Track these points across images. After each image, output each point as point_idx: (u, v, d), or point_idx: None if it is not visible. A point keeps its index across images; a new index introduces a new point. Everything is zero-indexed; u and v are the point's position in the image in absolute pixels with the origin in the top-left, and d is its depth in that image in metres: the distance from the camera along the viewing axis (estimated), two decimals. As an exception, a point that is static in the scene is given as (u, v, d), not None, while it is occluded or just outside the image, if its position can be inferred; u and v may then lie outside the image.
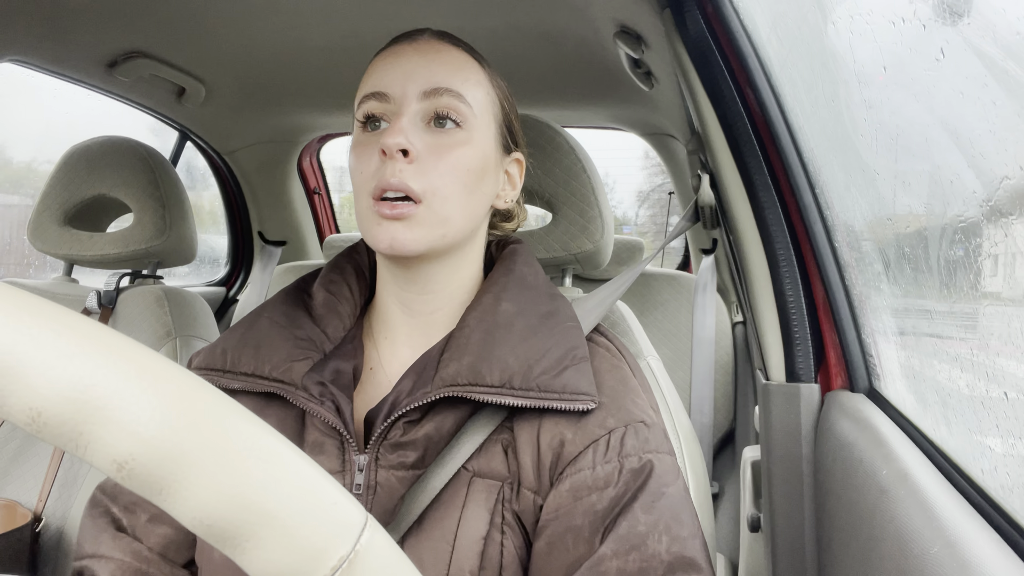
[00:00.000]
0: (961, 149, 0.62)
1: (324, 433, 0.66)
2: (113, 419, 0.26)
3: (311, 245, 2.36)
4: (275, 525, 0.28)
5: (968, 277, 0.60)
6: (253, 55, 1.44)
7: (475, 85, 0.70)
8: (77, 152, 1.31)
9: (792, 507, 0.80)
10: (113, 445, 0.26)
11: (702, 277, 1.79)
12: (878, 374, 0.77)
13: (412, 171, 0.65)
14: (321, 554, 0.29)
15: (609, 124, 1.98)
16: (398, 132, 0.64)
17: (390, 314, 0.74)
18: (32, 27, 1.24)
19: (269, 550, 0.29)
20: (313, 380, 0.66)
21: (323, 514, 0.30)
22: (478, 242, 0.75)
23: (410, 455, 0.64)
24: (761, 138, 0.82)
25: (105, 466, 0.26)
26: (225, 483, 0.28)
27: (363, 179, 0.67)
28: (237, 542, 0.28)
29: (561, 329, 0.68)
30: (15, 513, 1.11)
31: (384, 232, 0.65)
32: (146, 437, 0.26)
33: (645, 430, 0.66)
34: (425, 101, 0.67)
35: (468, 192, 0.68)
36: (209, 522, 0.28)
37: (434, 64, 0.69)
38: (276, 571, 0.29)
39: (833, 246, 0.80)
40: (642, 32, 1.10)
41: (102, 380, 0.26)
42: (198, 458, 0.27)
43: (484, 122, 0.70)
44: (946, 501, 0.53)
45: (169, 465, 0.27)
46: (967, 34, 0.56)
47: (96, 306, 1.27)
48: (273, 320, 0.72)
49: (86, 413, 0.26)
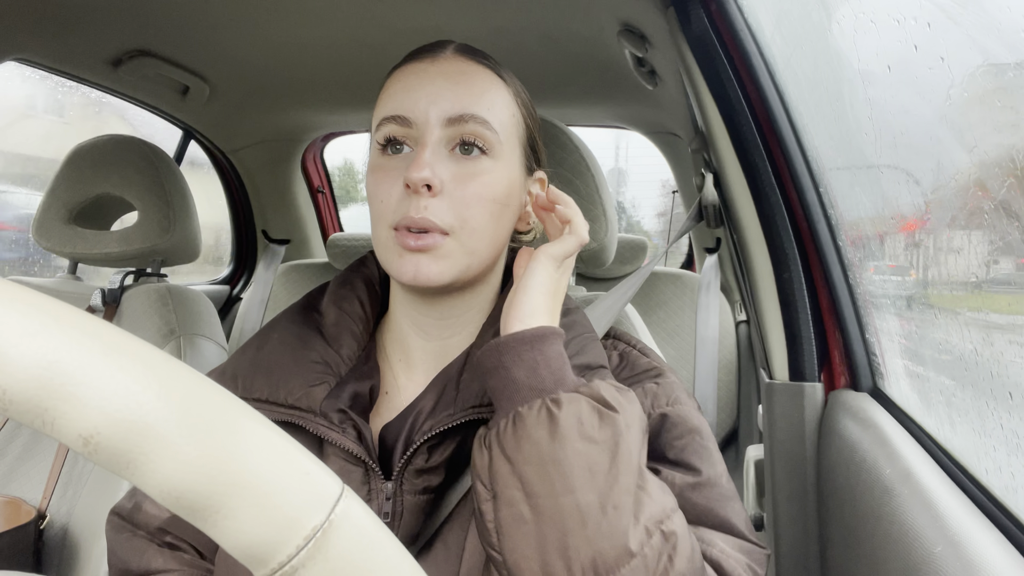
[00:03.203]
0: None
1: (347, 461, 0.63)
2: (77, 395, 0.26)
3: (315, 243, 2.37)
4: (245, 495, 0.29)
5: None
6: (257, 54, 1.44)
7: (501, 109, 0.67)
8: (82, 150, 1.31)
9: (795, 506, 0.80)
10: (78, 420, 0.26)
11: (706, 276, 1.79)
12: (882, 373, 0.77)
13: (437, 205, 0.62)
14: (294, 523, 0.29)
15: (613, 123, 1.98)
16: (424, 166, 0.61)
17: (405, 336, 0.72)
18: (37, 26, 1.25)
19: (240, 520, 0.29)
20: (332, 407, 0.64)
21: (295, 484, 0.30)
22: (499, 266, 0.73)
23: (434, 479, 0.63)
24: (765, 136, 0.82)
25: (72, 441, 0.26)
26: (192, 455, 0.28)
27: (383, 209, 0.64)
28: (207, 514, 0.29)
29: (578, 342, 0.67)
30: (20, 510, 1.11)
31: (408, 264, 0.63)
32: (110, 411, 0.26)
33: (666, 382, 0.68)
34: (449, 128, 0.64)
35: (495, 221, 0.66)
36: (177, 494, 0.28)
37: (459, 87, 0.65)
38: (248, 541, 0.29)
39: (837, 245, 0.79)
40: (646, 31, 1.10)
41: (66, 356, 0.26)
42: (164, 431, 0.27)
43: (509, 147, 0.68)
44: (950, 500, 0.53)
45: (135, 438, 0.27)
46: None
47: (100, 304, 1.28)
48: (284, 342, 0.70)
49: (51, 389, 0.26)
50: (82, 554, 1.11)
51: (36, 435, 1.20)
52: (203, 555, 0.70)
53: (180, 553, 0.70)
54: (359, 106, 1.79)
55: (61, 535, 1.13)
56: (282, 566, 0.29)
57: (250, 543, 0.29)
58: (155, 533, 0.70)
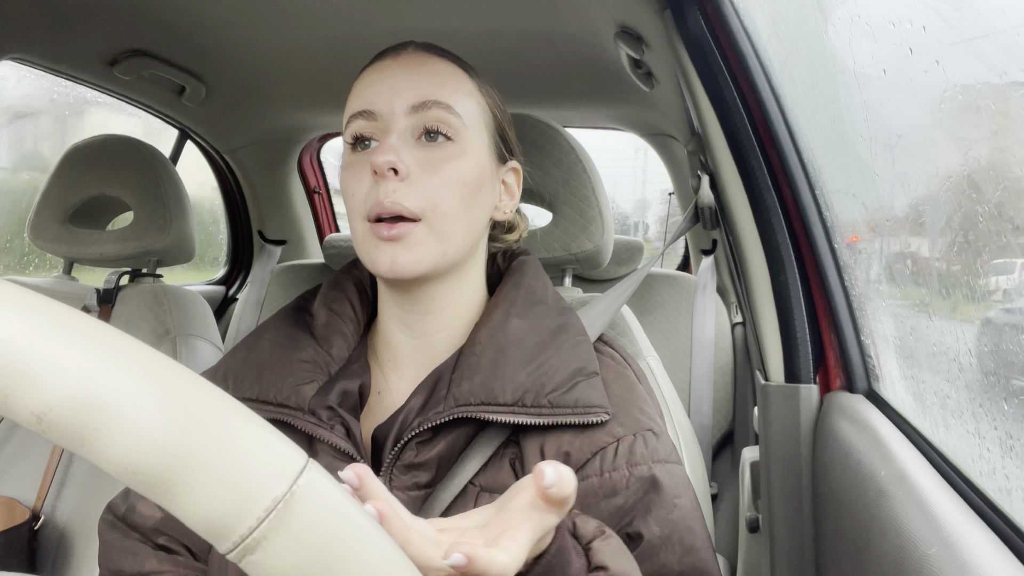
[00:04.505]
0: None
1: (335, 457, 0.64)
2: (27, 372, 0.26)
3: (311, 244, 2.36)
4: (201, 468, 0.28)
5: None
6: (253, 54, 1.44)
7: (464, 96, 0.68)
8: (78, 150, 1.31)
9: (791, 508, 0.80)
10: (30, 397, 0.26)
11: (702, 278, 1.79)
12: (877, 375, 0.77)
13: (406, 189, 0.63)
14: (254, 495, 0.29)
15: (609, 124, 1.98)
16: (388, 150, 0.62)
17: (392, 335, 0.72)
18: (33, 25, 1.24)
19: (197, 494, 0.28)
20: (321, 404, 0.64)
21: (253, 456, 0.30)
22: (479, 257, 0.74)
23: (423, 476, 0.63)
24: (761, 139, 0.82)
25: (25, 419, 0.26)
26: (146, 429, 0.27)
27: (356, 201, 0.66)
28: (164, 488, 0.28)
29: (571, 344, 0.68)
30: (14, 510, 1.11)
31: (383, 255, 0.64)
32: (61, 387, 0.26)
33: (654, 439, 0.65)
34: (414, 116, 0.65)
35: (466, 206, 0.67)
36: (133, 469, 0.28)
37: (420, 77, 0.67)
38: (208, 515, 0.29)
39: (833, 247, 0.80)
40: (642, 33, 1.10)
41: (15, 335, 0.26)
42: (115, 404, 0.27)
43: (476, 133, 0.69)
44: (944, 502, 0.53)
45: (87, 413, 0.27)
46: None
47: (96, 304, 1.27)
48: (275, 342, 0.71)
49: (2, 368, 0.26)
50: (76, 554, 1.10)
51: (30, 435, 1.19)
52: (196, 556, 0.70)
53: (174, 555, 0.69)
54: (356, 107, 1.79)
55: (55, 535, 1.13)
56: (243, 538, 0.29)
57: (210, 516, 0.29)
58: (149, 534, 0.70)
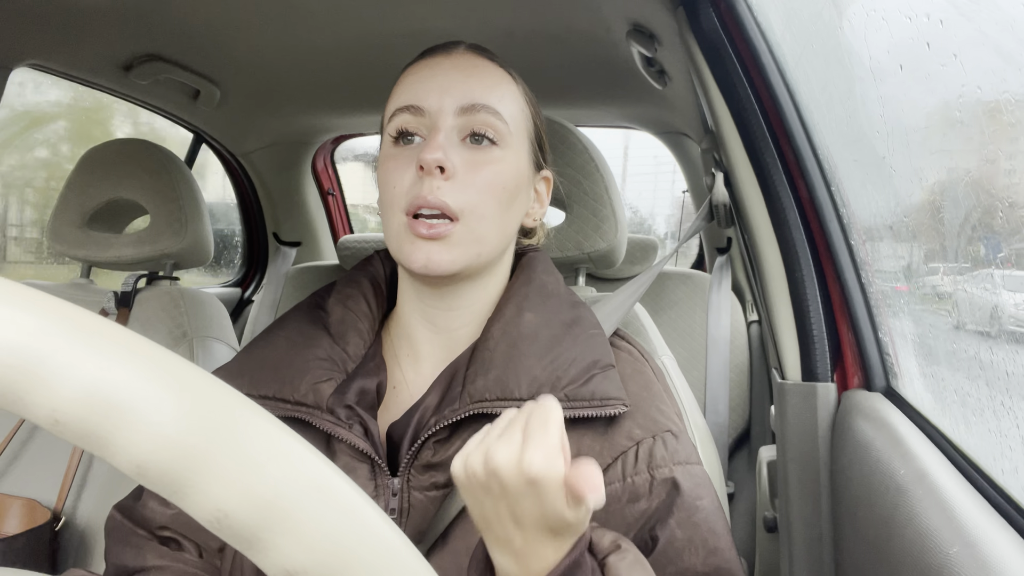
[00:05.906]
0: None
1: (354, 457, 0.64)
2: (45, 374, 0.26)
3: (325, 246, 2.37)
4: (216, 468, 0.28)
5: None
6: (267, 57, 1.45)
7: (511, 102, 0.69)
8: (94, 155, 1.32)
9: (808, 507, 0.79)
10: (47, 399, 0.26)
11: (716, 276, 1.78)
12: (895, 373, 0.77)
13: (449, 188, 0.64)
14: (268, 495, 0.29)
15: (622, 123, 1.97)
16: (437, 148, 0.63)
17: (413, 330, 0.72)
18: (48, 32, 1.26)
19: (213, 494, 0.29)
20: (339, 403, 0.65)
21: (269, 457, 0.30)
22: (506, 259, 0.74)
23: (441, 476, 0.63)
24: (775, 135, 0.81)
25: (43, 420, 0.27)
26: (163, 430, 0.27)
27: (396, 194, 0.66)
28: (179, 487, 0.28)
29: (585, 337, 0.68)
30: (35, 511, 1.12)
31: (419, 252, 0.64)
32: (78, 388, 0.26)
33: (673, 440, 0.65)
34: (462, 117, 0.66)
35: (503, 210, 0.67)
36: (150, 469, 0.28)
37: (472, 79, 0.68)
38: (223, 515, 0.29)
39: (849, 244, 0.79)
40: (655, 30, 1.10)
41: (34, 338, 0.26)
42: (132, 406, 0.27)
43: (518, 140, 0.69)
44: (965, 501, 0.53)
45: (104, 414, 0.27)
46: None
47: (114, 307, 1.29)
48: (290, 339, 0.71)
49: (20, 370, 0.26)
50: (97, 555, 1.11)
51: (50, 438, 1.21)
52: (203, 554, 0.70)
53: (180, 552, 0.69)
54: (369, 109, 1.80)
55: (76, 537, 1.14)
56: (259, 538, 0.29)
57: (226, 516, 0.29)
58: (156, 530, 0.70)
